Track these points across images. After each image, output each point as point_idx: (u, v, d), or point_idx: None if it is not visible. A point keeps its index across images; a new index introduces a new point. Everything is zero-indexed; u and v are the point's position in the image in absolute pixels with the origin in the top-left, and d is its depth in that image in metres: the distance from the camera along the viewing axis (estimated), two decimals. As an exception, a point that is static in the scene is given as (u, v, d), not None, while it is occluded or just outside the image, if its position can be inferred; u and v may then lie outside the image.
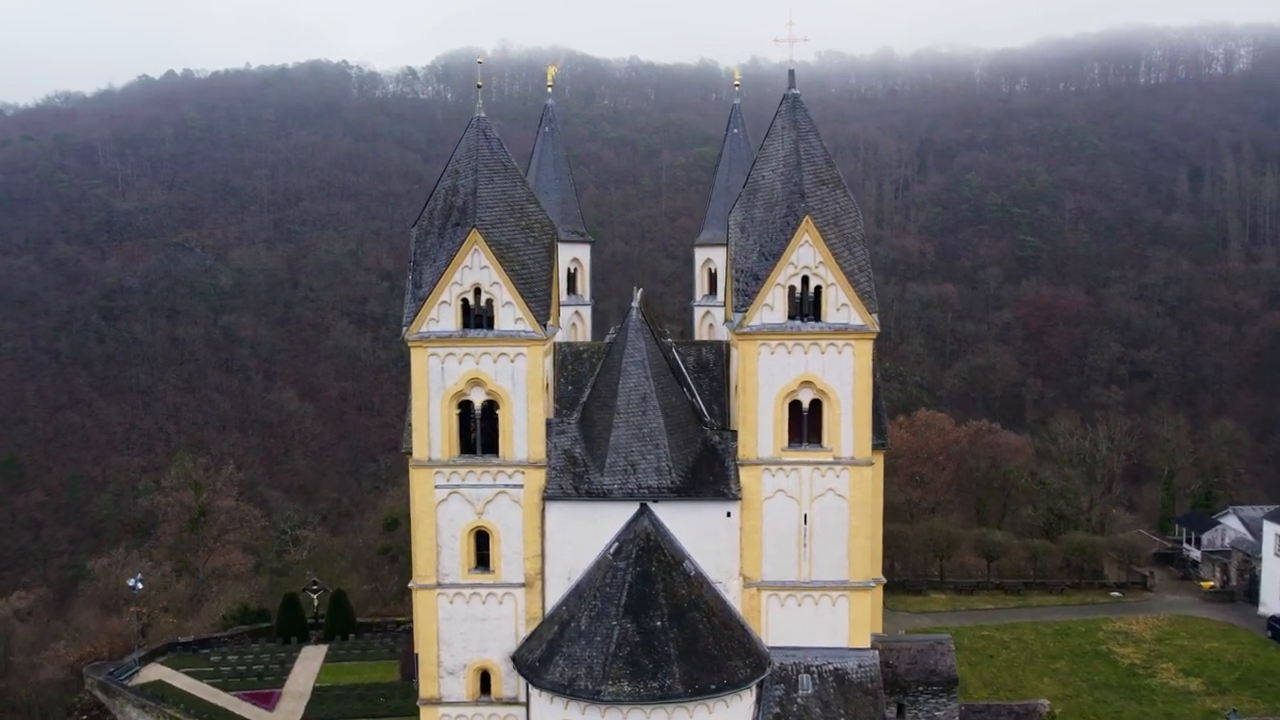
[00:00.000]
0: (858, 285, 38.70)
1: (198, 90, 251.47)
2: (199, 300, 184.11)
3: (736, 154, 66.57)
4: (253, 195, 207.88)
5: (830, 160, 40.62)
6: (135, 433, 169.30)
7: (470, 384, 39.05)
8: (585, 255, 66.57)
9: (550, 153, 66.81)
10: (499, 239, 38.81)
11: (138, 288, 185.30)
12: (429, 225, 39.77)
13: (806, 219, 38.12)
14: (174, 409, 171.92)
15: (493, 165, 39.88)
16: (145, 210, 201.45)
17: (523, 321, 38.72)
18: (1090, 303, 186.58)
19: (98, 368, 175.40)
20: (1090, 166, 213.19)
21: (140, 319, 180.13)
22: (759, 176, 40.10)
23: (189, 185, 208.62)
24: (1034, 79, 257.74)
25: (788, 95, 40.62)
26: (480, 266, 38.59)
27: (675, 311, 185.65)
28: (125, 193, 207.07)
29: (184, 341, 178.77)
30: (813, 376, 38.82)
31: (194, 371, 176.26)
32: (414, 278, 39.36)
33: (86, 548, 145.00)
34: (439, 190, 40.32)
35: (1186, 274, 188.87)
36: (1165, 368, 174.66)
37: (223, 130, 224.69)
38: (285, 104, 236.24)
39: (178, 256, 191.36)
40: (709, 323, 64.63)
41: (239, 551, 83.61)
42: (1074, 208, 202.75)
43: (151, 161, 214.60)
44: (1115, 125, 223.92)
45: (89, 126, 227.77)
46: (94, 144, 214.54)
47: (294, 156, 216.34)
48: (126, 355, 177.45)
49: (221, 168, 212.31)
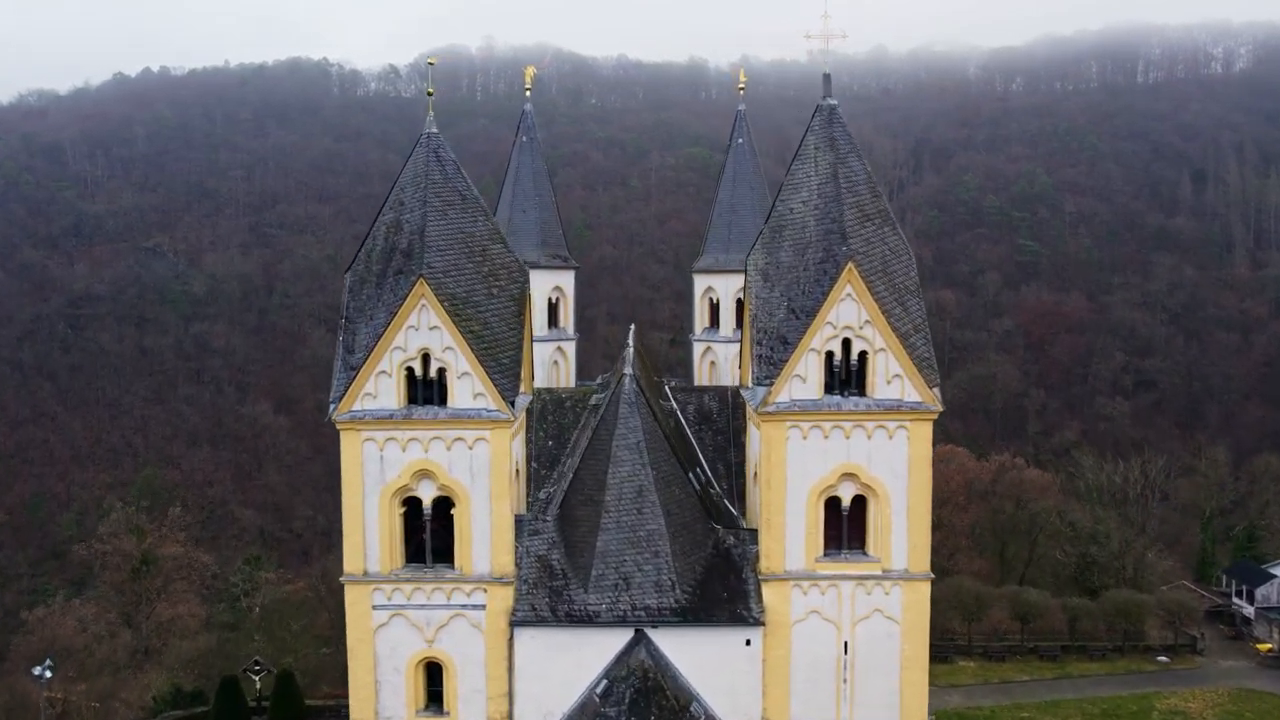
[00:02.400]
0: (914, 350, 29.79)
1: (173, 88, 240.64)
2: (169, 308, 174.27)
3: (742, 167, 57.53)
4: (228, 198, 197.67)
5: (875, 188, 31.65)
6: (101, 447, 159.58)
7: (418, 477, 30.03)
8: (569, 283, 57.44)
9: (529, 165, 57.68)
10: (454, 290, 29.72)
11: (106, 294, 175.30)
12: (365, 272, 30.68)
13: (849, 266, 29.16)
14: (142, 422, 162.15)
15: (446, 195, 30.77)
16: (115, 213, 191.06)
17: (484, 397, 29.68)
18: (1093, 310, 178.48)
19: (62, 379, 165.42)
20: (1090, 168, 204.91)
21: (107, 328, 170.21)
22: (786, 210, 31.06)
23: (161, 187, 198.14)
24: (1031, 78, 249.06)
25: (822, 106, 31.64)
26: (429, 326, 29.53)
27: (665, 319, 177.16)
28: (95, 195, 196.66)
29: (153, 351, 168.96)
30: (856, 468, 29.88)
31: (163, 383, 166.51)
32: (345, 340, 30.26)
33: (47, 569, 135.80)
34: (378, 226, 31.25)
35: (1191, 280, 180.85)
36: (1171, 378, 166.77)
37: (197, 130, 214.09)
38: (263, 103, 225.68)
39: (148, 262, 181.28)
40: (710, 360, 55.66)
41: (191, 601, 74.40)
42: (1074, 210, 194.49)
43: (123, 162, 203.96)
44: (1115, 125, 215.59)
45: (59, 126, 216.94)
46: (63, 144, 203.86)
47: (271, 157, 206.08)
48: (93, 366, 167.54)
49: (195, 169, 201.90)
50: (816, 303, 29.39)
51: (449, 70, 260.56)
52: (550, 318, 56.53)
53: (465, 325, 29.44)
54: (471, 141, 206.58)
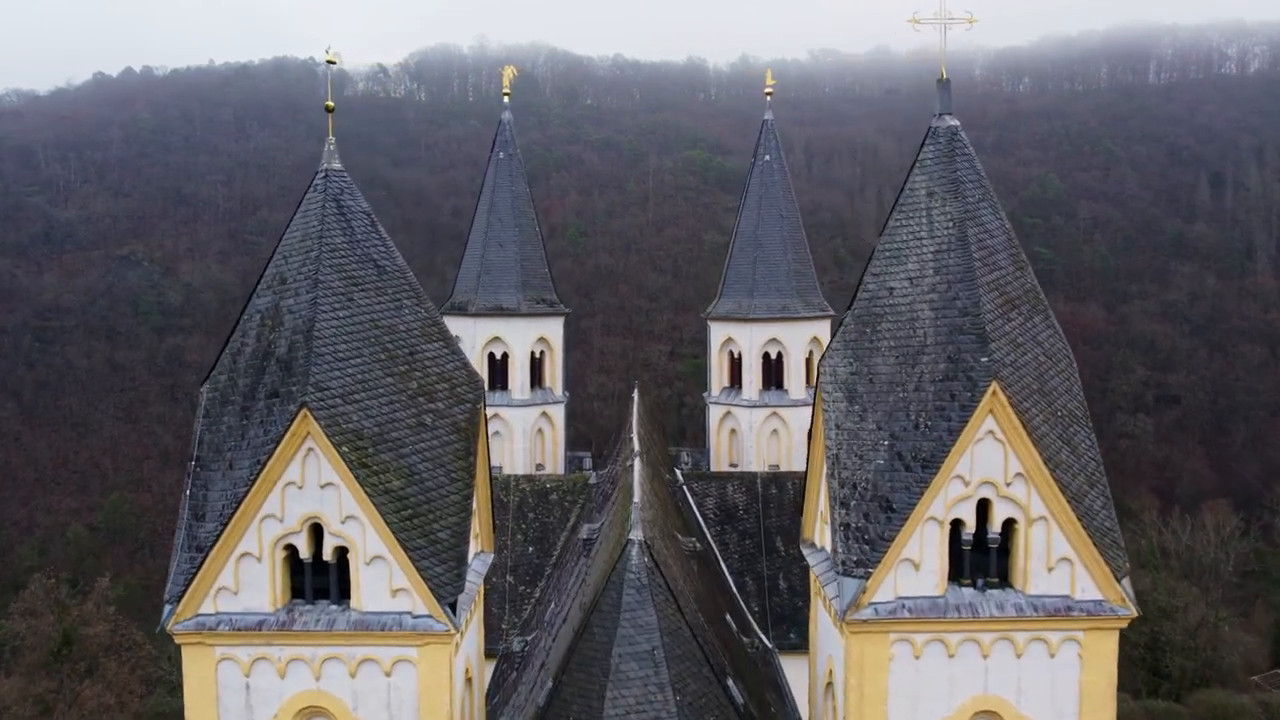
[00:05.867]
0: (1090, 518, 18.38)
1: (154, 88, 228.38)
2: (142, 319, 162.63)
3: (770, 189, 46.08)
4: (206, 203, 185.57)
5: (1020, 255, 20.11)
6: (67, 469, 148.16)
7: (304, 717, 18.62)
8: (556, 333, 45.99)
9: (506, 187, 46.14)
10: (359, 424, 18.20)
11: (75, 306, 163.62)
12: (228, 388, 19.20)
13: (992, 387, 17.78)
14: (111, 442, 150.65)
15: (350, 269, 19.24)
16: (87, 220, 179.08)
17: (409, 594, 18.22)
18: (1111, 321, 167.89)
19: (27, 396, 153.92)
20: (1104, 172, 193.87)
21: (76, 341, 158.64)
22: (882, 289, 19.55)
23: (137, 192, 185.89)
24: (1038, 78, 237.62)
25: (938, 128, 20.06)
26: (320, 484, 18.07)
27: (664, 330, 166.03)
28: (67, 200, 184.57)
29: (124, 366, 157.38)
30: (998, 704, 18.45)
31: (134, 400, 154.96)
32: (193, 500, 18.80)
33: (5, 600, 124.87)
34: (249, 315, 19.82)
35: (1213, 290, 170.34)
36: (1195, 393, 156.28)
37: (176, 132, 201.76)
38: (245, 104, 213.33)
39: (122, 271, 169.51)
40: (729, 427, 44.29)
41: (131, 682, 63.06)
42: (1089, 216, 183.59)
43: (97, 166, 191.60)
44: (1129, 128, 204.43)
45: (33, 128, 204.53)
46: (34, 147, 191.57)
47: (252, 160, 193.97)
48: (60, 382, 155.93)
49: (173, 173, 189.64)
50: (939, 445, 17.94)
51: (440, 70, 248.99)
52: (533, 376, 45.08)
53: (377, 480, 17.96)
54: (463, 144, 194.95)
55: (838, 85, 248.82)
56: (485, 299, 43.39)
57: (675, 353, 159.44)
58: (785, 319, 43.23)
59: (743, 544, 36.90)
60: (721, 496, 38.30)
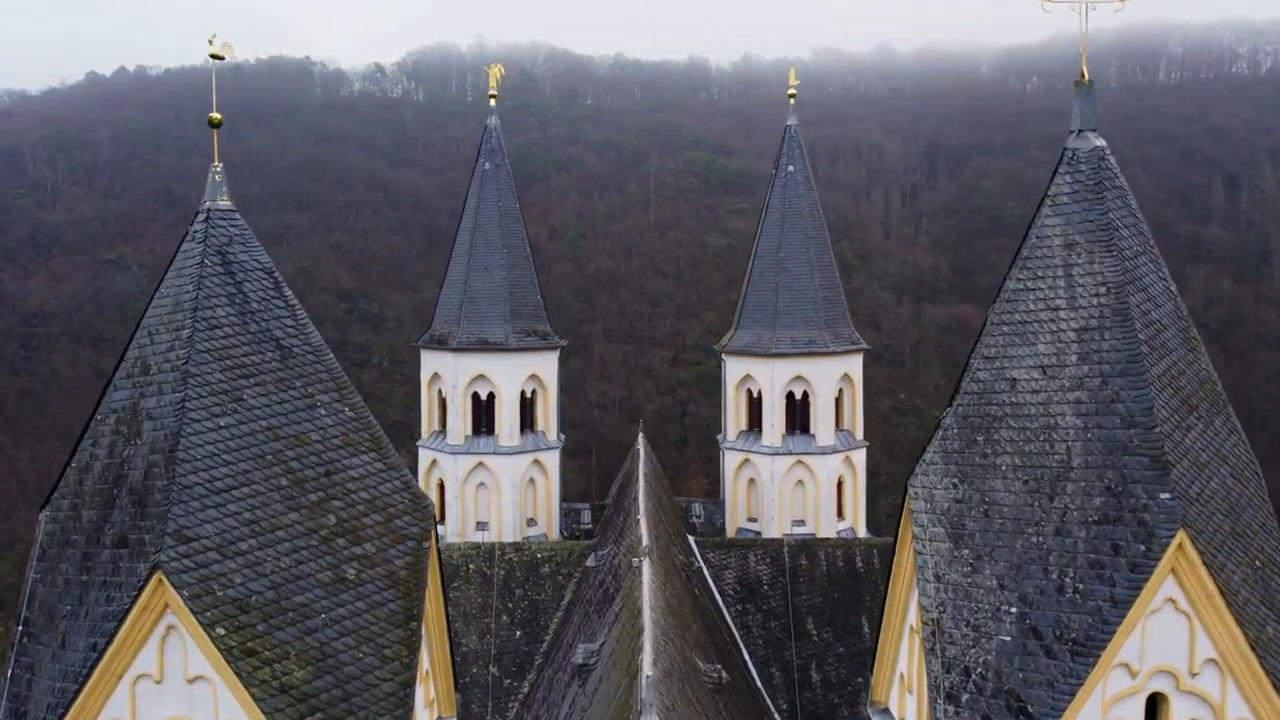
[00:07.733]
0: (1313, 721, 12.54)
1: (146, 88, 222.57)
2: (130, 326, 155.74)
3: (794, 205, 40.05)
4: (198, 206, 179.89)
5: (1188, 324, 14.28)
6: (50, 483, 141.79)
7: None
8: (550, 370, 39.94)
9: (493, 202, 40.04)
10: (241, 589, 12.22)
11: (62, 312, 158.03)
12: (69, 520, 13.30)
13: (1180, 537, 11.90)
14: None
15: (235, 353, 13.33)
16: (75, 223, 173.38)
17: (318, 836, 12.33)
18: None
19: (10, 406, 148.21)
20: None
21: (61, 349, 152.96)
22: (1000, 382, 13.55)
23: (126, 194, 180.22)
24: (1046, 77, 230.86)
25: (1076, 150, 14.05)
26: (189, 678, 12.20)
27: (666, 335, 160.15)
28: (55, 202, 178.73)
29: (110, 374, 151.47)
30: None
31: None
32: (12, 690, 12.90)
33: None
34: (103, 414, 13.93)
35: (1229, 295, 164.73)
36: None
37: (168, 133, 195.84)
38: (239, 104, 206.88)
39: (110, 275, 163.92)
40: (748, 476, 38.32)
41: None
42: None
43: (86, 168, 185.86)
44: (1140, 128, 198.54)
45: (22, 129, 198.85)
46: (21, 148, 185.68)
47: (245, 162, 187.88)
48: (45, 391, 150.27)
49: (164, 175, 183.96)
50: (1098, 621, 12.01)
51: (438, 70, 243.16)
52: (524, 419, 39.10)
53: (270, 672, 12.03)
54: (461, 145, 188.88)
55: (840, 85, 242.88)
56: (469, 331, 37.43)
57: (678, 359, 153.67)
58: (812, 354, 37.24)
59: (767, 626, 31.05)
60: (742, 569, 32.54)
